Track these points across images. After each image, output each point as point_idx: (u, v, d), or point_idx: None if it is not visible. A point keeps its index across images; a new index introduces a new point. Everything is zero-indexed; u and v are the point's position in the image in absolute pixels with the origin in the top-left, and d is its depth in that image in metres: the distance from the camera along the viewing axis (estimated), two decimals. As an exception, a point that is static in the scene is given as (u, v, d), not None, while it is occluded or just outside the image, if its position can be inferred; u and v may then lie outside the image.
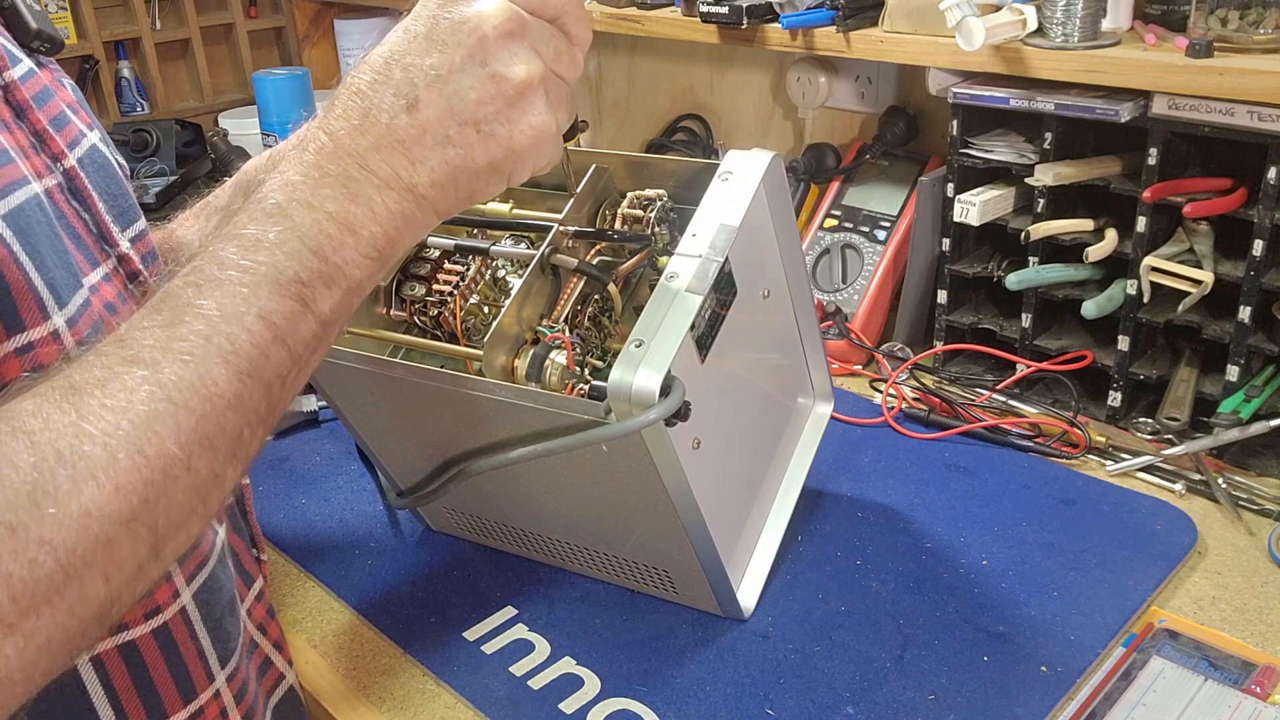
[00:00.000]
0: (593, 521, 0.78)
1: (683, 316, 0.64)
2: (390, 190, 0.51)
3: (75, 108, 0.60)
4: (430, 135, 0.51)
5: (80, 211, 0.57)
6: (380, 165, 0.51)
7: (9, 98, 0.54)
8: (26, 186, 0.51)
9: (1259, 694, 0.69)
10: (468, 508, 0.85)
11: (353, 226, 0.50)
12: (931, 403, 1.05)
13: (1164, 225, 0.97)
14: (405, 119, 0.51)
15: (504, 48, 0.51)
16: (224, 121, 1.80)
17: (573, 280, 0.72)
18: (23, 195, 0.50)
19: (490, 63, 0.51)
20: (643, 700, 0.71)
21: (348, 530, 0.92)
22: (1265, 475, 0.93)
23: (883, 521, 0.89)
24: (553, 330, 0.69)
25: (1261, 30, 0.87)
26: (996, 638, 0.75)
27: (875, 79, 1.28)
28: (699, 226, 0.68)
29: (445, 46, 0.51)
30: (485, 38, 0.51)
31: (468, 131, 0.51)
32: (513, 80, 0.51)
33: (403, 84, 0.51)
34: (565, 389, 0.68)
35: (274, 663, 0.70)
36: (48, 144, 0.55)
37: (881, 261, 1.17)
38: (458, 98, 0.51)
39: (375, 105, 0.51)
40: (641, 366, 0.61)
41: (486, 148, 0.52)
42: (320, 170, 0.50)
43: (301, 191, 0.50)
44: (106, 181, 0.59)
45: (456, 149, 0.52)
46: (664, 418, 0.61)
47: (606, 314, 0.74)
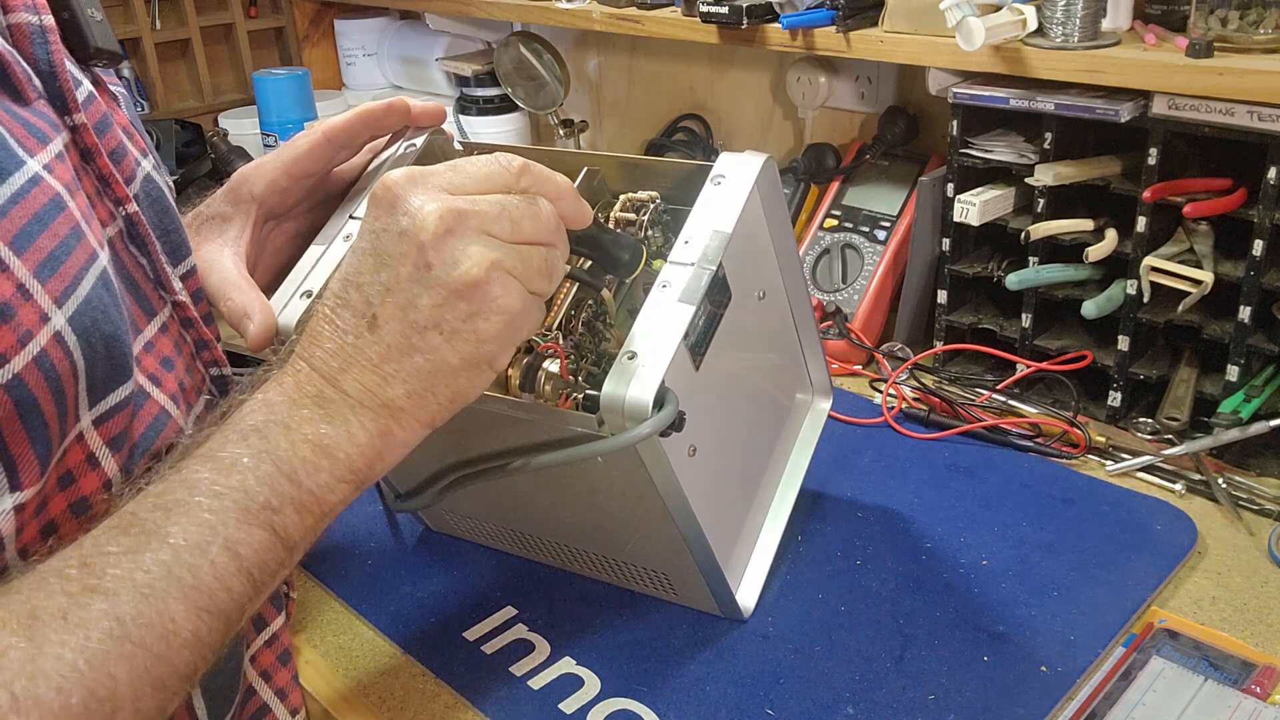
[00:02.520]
0: (590, 527, 0.78)
1: (675, 327, 0.63)
2: (365, 409, 0.52)
3: (130, 131, 0.59)
4: (395, 349, 0.52)
5: (139, 257, 0.56)
6: (352, 385, 0.52)
7: (78, 140, 0.53)
8: (95, 264, 0.50)
9: (1259, 694, 0.69)
10: (467, 511, 0.85)
11: (328, 450, 0.51)
12: (931, 403, 1.05)
13: (1164, 225, 0.97)
14: (368, 336, 0.52)
15: (444, 248, 0.51)
16: (224, 121, 1.80)
17: (565, 286, 0.72)
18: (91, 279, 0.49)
19: (434, 267, 0.51)
20: (643, 700, 0.71)
21: (347, 530, 0.92)
22: (1265, 475, 0.93)
23: (883, 521, 0.89)
24: (545, 339, 0.69)
25: (1261, 30, 0.87)
26: (996, 638, 0.75)
27: (875, 79, 1.28)
28: (691, 233, 0.67)
29: (390, 260, 0.52)
30: (423, 245, 0.51)
31: (430, 336, 0.52)
32: (458, 280, 0.51)
33: (359, 304, 0.52)
34: (559, 398, 0.68)
35: (271, 710, 0.68)
36: (112, 187, 0.55)
37: (881, 261, 1.17)
38: (412, 307, 0.52)
39: (340, 329, 0.53)
40: (634, 380, 0.61)
41: (455, 347, 0.52)
42: (299, 391, 0.52)
43: (280, 412, 0.51)
44: (160, 216, 0.58)
45: (424, 355, 0.52)
46: (658, 431, 0.60)
47: (601, 319, 0.74)
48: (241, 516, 0.47)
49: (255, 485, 0.48)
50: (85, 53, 0.56)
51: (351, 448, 0.51)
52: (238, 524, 0.47)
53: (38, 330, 0.45)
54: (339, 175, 0.78)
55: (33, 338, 0.45)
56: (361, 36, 1.87)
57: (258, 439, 0.49)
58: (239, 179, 0.74)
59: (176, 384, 0.57)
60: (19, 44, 0.51)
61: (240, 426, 0.50)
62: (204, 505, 0.46)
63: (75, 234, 0.49)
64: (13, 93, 0.49)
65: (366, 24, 1.86)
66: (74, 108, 0.52)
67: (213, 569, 0.45)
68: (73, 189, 0.50)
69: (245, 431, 0.50)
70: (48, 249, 0.47)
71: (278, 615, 0.69)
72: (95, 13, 0.57)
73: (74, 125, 0.52)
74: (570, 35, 1.61)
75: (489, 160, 0.55)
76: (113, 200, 0.55)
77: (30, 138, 0.48)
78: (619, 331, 0.74)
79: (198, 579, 0.45)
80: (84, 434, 0.49)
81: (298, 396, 0.51)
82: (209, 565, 0.45)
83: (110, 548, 0.44)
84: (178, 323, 0.59)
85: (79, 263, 0.49)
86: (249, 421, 0.50)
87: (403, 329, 0.52)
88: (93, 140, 0.53)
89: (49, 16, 0.52)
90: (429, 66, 1.74)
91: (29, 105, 0.50)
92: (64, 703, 0.40)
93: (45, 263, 0.46)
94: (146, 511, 0.46)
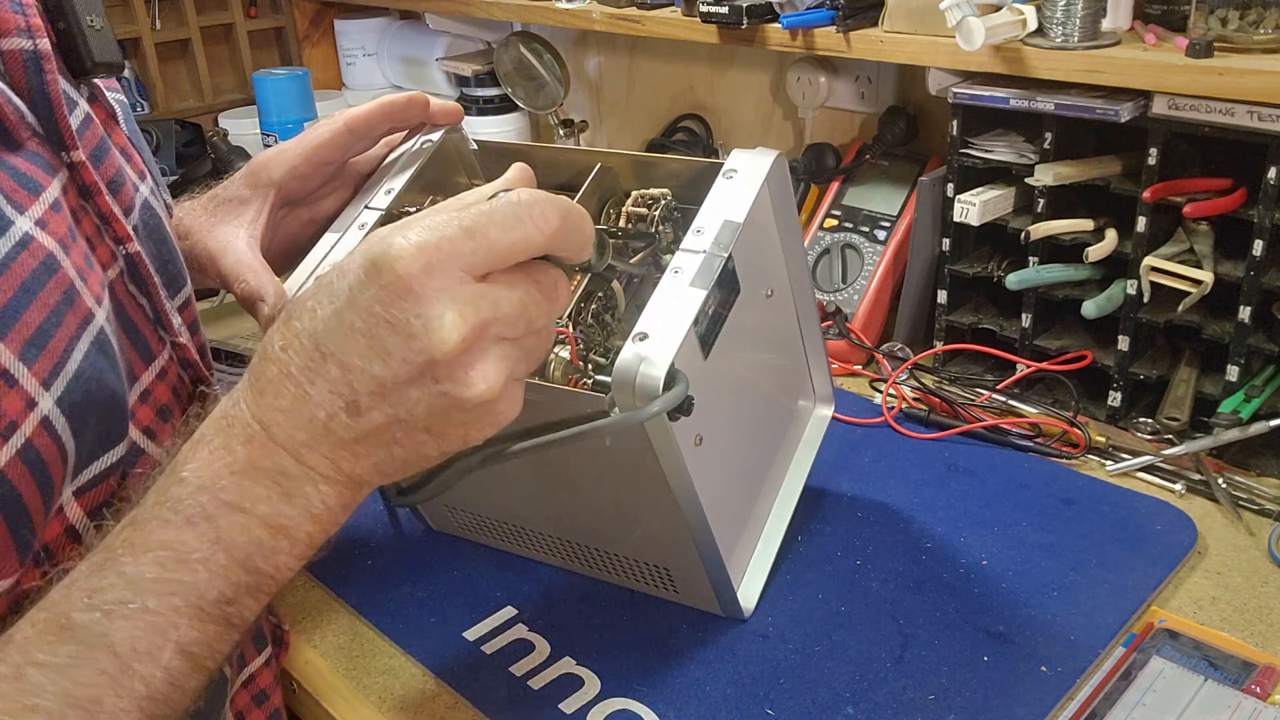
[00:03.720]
0: (595, 518, 0.78)
1: (686, 311, 0.64)
2: (330, 484, 0.46)
3: (129, 151, 0.56)
4: (374, 438, 0.46)
5: (139, 297, 0.54)
6: (318, 460, 0.46)
7: (76, 179, 0.49)
8: (89, 328, 0.47)
9: (1259, 694, 0.69)
10: (469, 505, 0.85)
11: (287, 530, 0.45)
12: (931, 403, 1.05)
13: (1164, 225, 0.97)
14: (345, 419, 0.45)
15: (458, 369, 0.45)
16: (224, 121, 1.80)
17: (576, 278, 0.72)
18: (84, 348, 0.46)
19: (442, 382, 0.45)
20: (643, 700, 0.71)
21: (347, 529, 0.92)
22: (1265, 475, 0.93)
23: (883, 521, 0.89)
24: (557, 325, 0.69)
25: (1261, 30, 0.87)
26: (996, 638, 0.75)
27: (875, 79, 1.28)
28: (703, 222, 0.68)
29: (389, 358, 0.44)
30: (434, 363, 0.44)
31: (417, 435, 0.46)
32: (470, 400, 0.45)
33: (340, 384, 0.45)
34: (569, 383, 0.68)
35: None
36: (113, 225, 0.51)
37: (881, 261, 1.17)
38: (405, 409, 0.45)
39: (310, 399, 0.45)
40: (645, 358, 0.61)
41: (440, 444, 0.47)
42: (251, 465, 0.45)
43: (230, 492, 0.44)
44: (159, 246, 0.56)
45: (405, 449, 0.47)
46: (668, 409, 0.61)
47: (610, 311, 0.74)
48: (195, 616, 0.43)
49: (208, 581, 0.43)
50: (83, 68, 0.53)
51: (312, 526, 0.46)
52: (190, 624, 0.43)
53: (23, 420, 0.42)
54: (355, 166, 0.79)
55: (17, 429, 0.42)
56: (361, 36, 1.87)
57: (208, 526, 0.44)
58: (259, 163, 0.74)
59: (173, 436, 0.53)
60: (11, 73, 0.47)
61: (185, 510, 0.44)
62: (151, 607, 0.42)
63: (67, 298, 0.46)
64: (3, 137, 0.46)
65: (366, 24, 1.86)
66: (71, 144, 0.49)
67: (166, 675, 0.42)
68: (68, 242, 0.47)
69: (192, 517, 0.44)
70: (35, 324, 0.44)
71: (258, 655, 0.67)
72: (95, 20, 0.53)
73: (71, 163, 0.49)
74: (570, 35, 1.61)
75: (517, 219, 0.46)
76: (113, 239, 0.52)
77: (20, 190, 0.45)
78: (627, 325, 0.75)
79: (150, 688, 0.41)
80: (63, 506, 0.47)
81: (250, 471, 0.45)
82: (162, 672, 0.42)
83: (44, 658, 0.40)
84: (177, 364, 0.57)
85: (69, 332, 0.46)
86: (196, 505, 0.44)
87: (389, 424, 0.45)
88: (92, 179, 0.50)
89: (44, 40, 0.48)
90: (429, 66, 1.74)
91: (21, 148, 0.47)
92: None
93: (32, 340, 0.44)
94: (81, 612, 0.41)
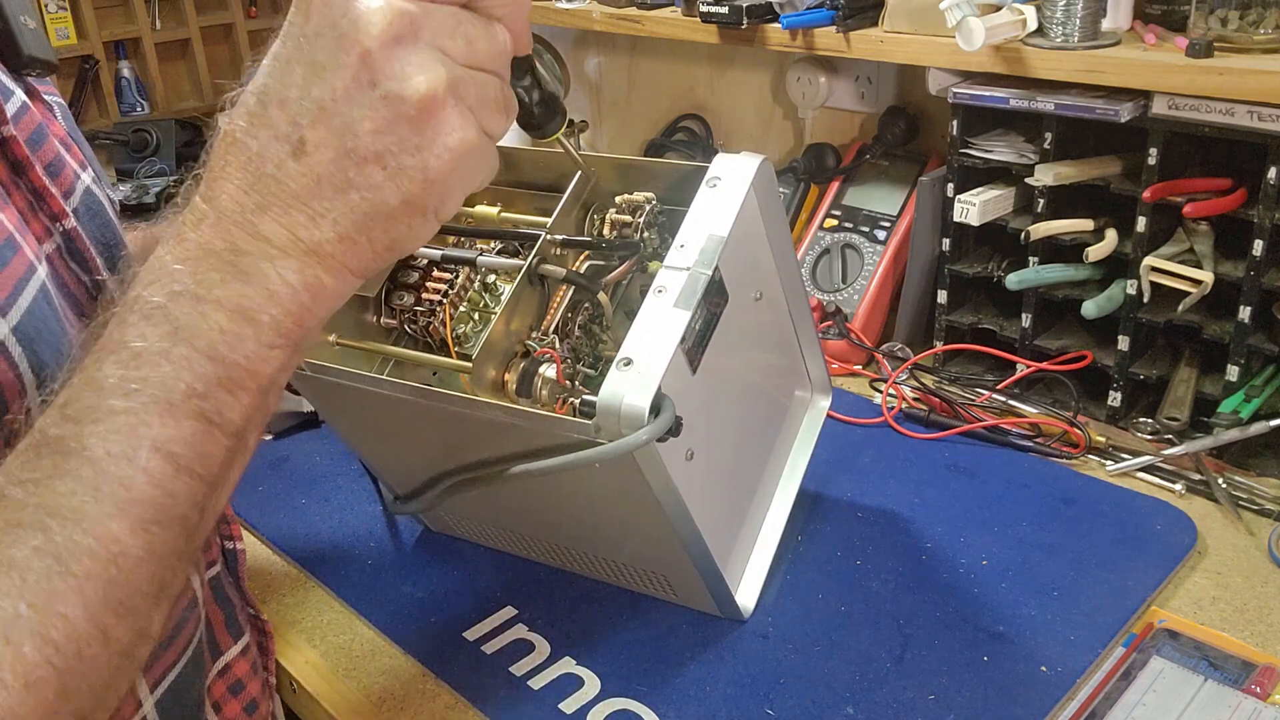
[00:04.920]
0: (588, 531, 0.78)
1: (671, 332, 0.63)
2: (288, 258, 0.43)
3: (68, 143, 0.56)
4: (327, 182, 0.43)
5: (80, 274, 0.53)
6: (272, 229, 0.42)
7: (7, 153, 0.49)
8: (34, 277, 0.46)
9: (1259, 694, 0.69)
10: (466, 513, 0.85)
11: (248, 314, 0.42)
12: (931, 403, 1.05)
13: (1164, 225, 0.97)
14: (294, 166, 0.42)
15: (393, 58, 0.42)
16: (224, 121, 1.80)
17: (562, 289, 0.72)
18: (31, 292, 0.45)
19: (380, 82, 0.42)
20: (643, 700, 0.71)
21: (347, 530, 0.92)
22: (1265, 475, 0.93)
23: (883, 521, 0.89)
24: (542, 344, 0.69)
25: (1261, 30, 0.87)
26: (996, 638, 0.75)
27: (875, 79, 1.28)
28: (687, 237, 0.67)
29: (323, 70, 0.42)
30: (368, 52, 0.41)
31: (370, 170, 0.43)
32: (410, 99, 0.42)
33: (283, 124, 0.42)
34: (556, 403, 0.68)
35: None
36: (47, 202, 0.50)
37: (881, 261, 1.17)
38: (350, 131, 0.42)
39: (256, 154, 0.43)
40: (630, 387, 0.60)
41: (398, 184, 0.43)
42: (202, 249, 0.42)
43: (182, 280, 0.42)
44: (102, 230, 0.55)
45: (361, 193, 0.43)
46: (654, 438, 0.60)
47: (597, 321, 0.74)
48: (164, 411, 0.40)
49: (172, 373, 0.41)
50: (18, 61, 0.52)
51: (275, 308, 0.43)
52: (162, 421, 0.40)
53: None
54: None
55: None
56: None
57: (163, 318, 0.41)
58: None
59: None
60: None
61: (140, 307, 0.42)
62: (118, 408, 0.40)
63: (10, 245, 0.45)
64: None
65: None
66: (1, 120, 0.48)
67: (147, 477, 0.40)
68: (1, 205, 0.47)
69: (147, 312, 0.41)
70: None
71: (234, 644, 0.66)
72: (29, 20, 0.53)
73: (2, 138, 0.49)
74: (570, 35, 1.61)
75: None
76: (48, 216, 0.51)
77: None
78: (615, 334, 0.74)
79: (132, 491, 0.39)
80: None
81: (202, 255, 0.42)
82: (141, 473, 0.40)
83: (24, 475, 0.39)
84: None
85: (17, 273, 0.45)
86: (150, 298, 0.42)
87: (337, 158, 0.42)
88: (24, 153, 0.49)
89: None
90: (429, 66, 1.74)
91: None
92: (15, 653, 0.36)
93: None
94: (54, 427, 0.40)
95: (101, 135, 1.71)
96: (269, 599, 0.85)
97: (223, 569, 0.66)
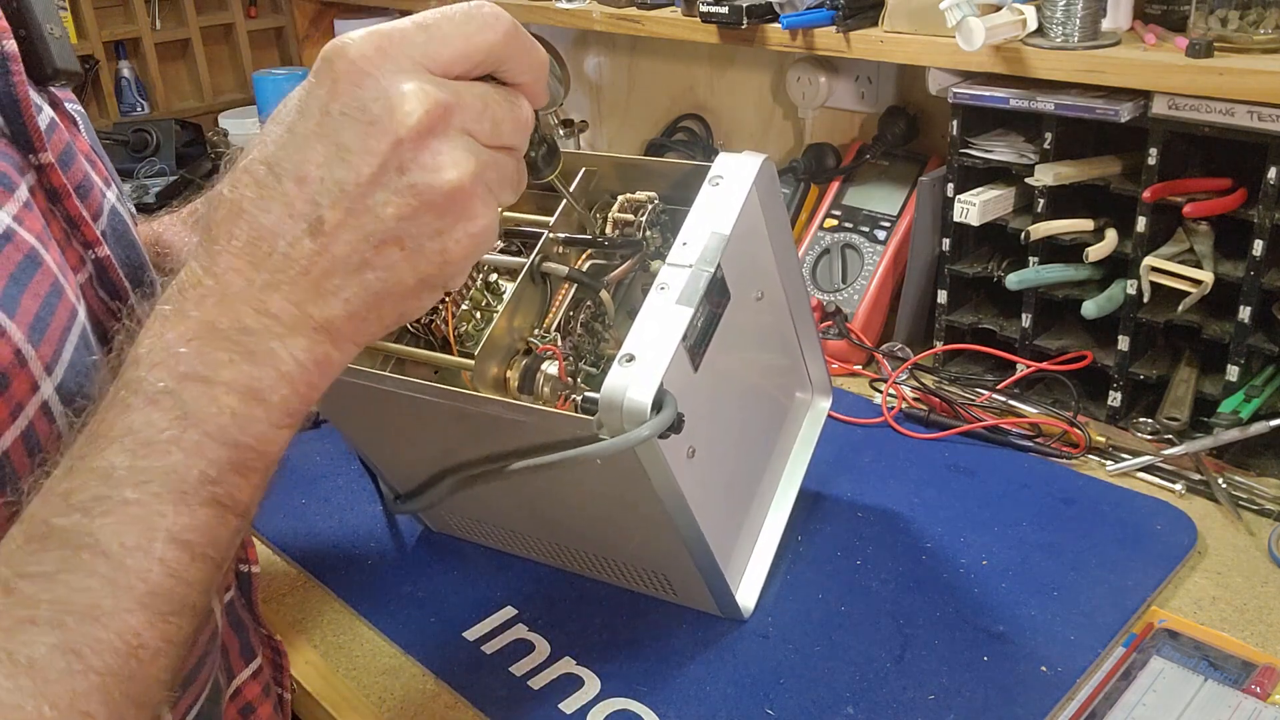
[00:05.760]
0: (590, 528, 0.78)
1: (674, 329, 0.63)
2: (297, 337, 0.42)
3: (92, 158, 0.55)
4: (342, 262, 0.42)
5: (109, 301, 0.52)
6: (281, 306, 0.41)
7: (44, 181, 0.48)
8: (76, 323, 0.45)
9: (1259, 694, 0.69)
10: (467, 512, 0.85)
11: (259, 394, 0.41)
12: (931, 403, 1.05)
13: (1164, 225, 0.97)
14: (309, 243, 0.41)
15: (425, 149, 0.41)
16: (224, 121, 1.80)
17: (564, 287, 0.72)
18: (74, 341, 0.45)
19: (408, 171, 0.41)
20: (643, 700, 0.71)
21: (348, 530, 0.92)
22: (1265, 475, 0.93)
23: (883, 521, 0.89)
24: (544, 341, 0.69)
25: (1261, 30, 0.87)
26: (996, 638, 0.75)
27: (875, 79, 1.28)
28: (689, 235, 0.67)
29: (349, 154, 0.41)
30: (400, 142, 0.41)
31: (389, 251, 0.42)
32: (441, 188, 0.42)
33: (300, 202, 0.41)
34: (558, 400, 0.68)
35: None
36: (81, 230, 0.50)
37: (881, 261, 1.17)
38: (371, 215, 0.41)
39: (267, 230, 0.41)
40: (632, 383, 0.60)
41: (414, 265, 0.43)
42: (207, 328, 0.41)
43: (189, 363, 0.40)
44: (127, 251, 0.55)
45: (376, 273, 0.42)
46: (656, 434, 0.60)
47: (599, 319, 0.74)
48: (178, 501, 0.40)
49: (184, 461, 0.40)
50: (45, 74, 0.51)
51: (285, 388, 0.42)
52: (176, 511, 0.40)
53: (28, 401, 0.41)
54: None
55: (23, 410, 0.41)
56: (361, 36, 1.86)
57: (171, 403, 0.40)
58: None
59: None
60: None
61: (145, 390, 0.40)
62: (130, 498, 0.39)
63: (56, 290, 0.45)
64: None
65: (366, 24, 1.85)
66: (40, 146, 0.47)
67: (164, 567, 0.39)
68: (44, 240, 0.46)
69: (153, 396, 0.40)
70: (34, 310, 0.43)
71: (245, 667, 0.66)
72: (55, 29, 0.52)
73: (39, 165, 0.47)
74: (570, 35, 1.61)
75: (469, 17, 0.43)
76: (82, 244, 0.50)
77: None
78: (617, 333, 0.74)
79: (149, 583, 0.39)
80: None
81: (207, 335, 0.41)
82: (158, 565, 0.39)
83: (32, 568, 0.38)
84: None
85: (62, 323, 0.44)
86: (155, 381, 0.40)
87: (356, 240, 0.41)
88: (60, 181, 0.48)
89: (10, 42, 0.47)
90: (429, 66, 1.74)
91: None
92: None
93: (34, 325, 0.42)
94: (60, 516, 0.39)
95: (102, 135, 1.71)
96: (269, 600, 0.85)
97: (236, 593, 0.66)
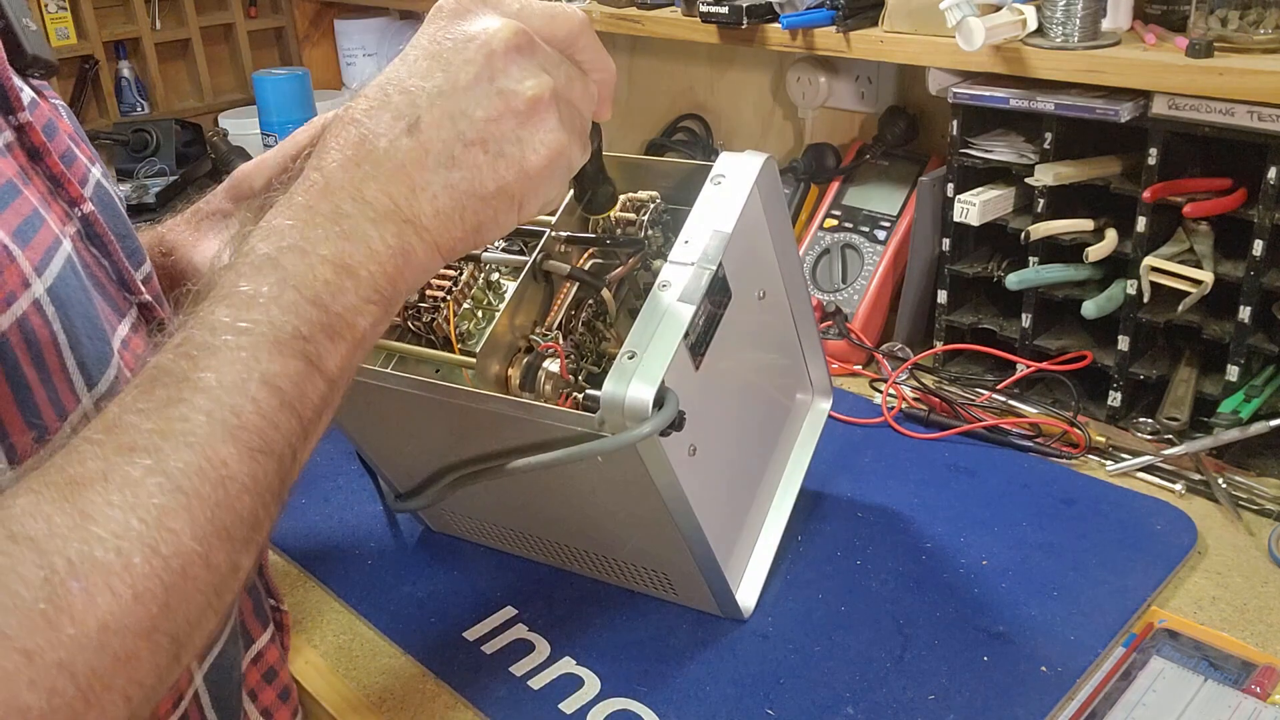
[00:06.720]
0: (590, 527, 0.78)
1: (675, 326, 0.63)
2: (388, 223, 0.47)
3: (76, 139, 0.57)
4: (433, 156, 0.48)
5: (100, 258, 0.54)
6: (377, 195, 0.47)
7: (24, 140, 0.51)
8: (60, 249, 0.48)
9: (1259, 694, 0.69)
10: (467, 511, 0.85)
11: (350, 268, 0.46)
12: (931, 403, 1.05)
13: (1164, 225, 0.97)
14: (406, 141, 0.47)
15: (513, 63, 0.49)
16: (224, 121, 1.80)
17: (566, 286, 0.72)
18: (60, 261, 0.47)
19: (498, 79, 0.48)
20: (643, 700, 0.71)
21: (348, 530, 0.92)
22: (1265, 475, 0.93)
23: (883, 521, 0.89)
24: (546, 339, 0.69)
25: (1261, 30, 0.87)
26: (996, 638, 0.75)
27: (875, 79, 1.28)
28: (691, 233, 0.67)
29: (449, 66, 0.48)
30: (493, 53, 0.48)
31: (475, 151, 0.48)
32: (524, 95, 0.49)
33: (403, 105, 0.48)
34: (559, 398, 0.68)
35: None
36: (65, 188, 0.52)
37: (881, 261, 1.17)
38: (464, 116, 0.48)
39: (372, 131, 0.48)
40: (634, 379, 0.61)
41: (495, 169, 0.49)
42: (310, 210, 0.46)
43: (291, 236, 0.46)
44: (115, 221, 0.56)
45: (463, 172, 0.48)
46: (658, 431, 0.60)
47: (601, 319, 0.74)
48: (273, 349, 0.43)
49: (281, 316, 0.44)
50: (22, 62, 0.54)
51: (374, 265, 0.46)
52: (270, 357, 0.43)
53: (20, 293, 0.44)
54: None
55: (16, 299, 0.44)
56: (361, 36, 1.87)
57: (272, 269, 0.45)
58: (240, 175, 0.74)
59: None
60: None
61: (251, 259, 0.45)
62: (231, 344, 0.42)
63: (38, 215, 0.47)
64: None
65: (366, 24, 1.86)
66: (18, 107, 0.50)
67: (255, 407, 0.42)
68: (23, 182, 0.48)
69: (258, 263, 0.45)
70: (14, 223, 0.45)
71: (263, 631, 0.67)
72: (29, 23, 0.55)
73: (19, 125, 0.50)
74: (570, 35, 1.60)
75: (554, 8, 0.52)
76: (66, 200, 0.52)
77: None
78: (619, 331, 0.74)
79: (242, 419, 0.42)
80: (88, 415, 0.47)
81: (309, 218, 0.46)
82: (251, 403, 0.42)
83: (139, 404, 0.41)
84: (145, 325, 0.57)
85: (47, 240, 0.47)
86: (260, 251, 0.45)
87: (447, 138, 0.48)
88: (40, 140, 0.51)
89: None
90: (429, 66, 1.74)
91: None
92: (125, 563, 0.37)
93: (19, 231, 0.45)
94: (170, 362, 0.42)
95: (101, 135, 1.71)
96: (269, 599, 0.85)
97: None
